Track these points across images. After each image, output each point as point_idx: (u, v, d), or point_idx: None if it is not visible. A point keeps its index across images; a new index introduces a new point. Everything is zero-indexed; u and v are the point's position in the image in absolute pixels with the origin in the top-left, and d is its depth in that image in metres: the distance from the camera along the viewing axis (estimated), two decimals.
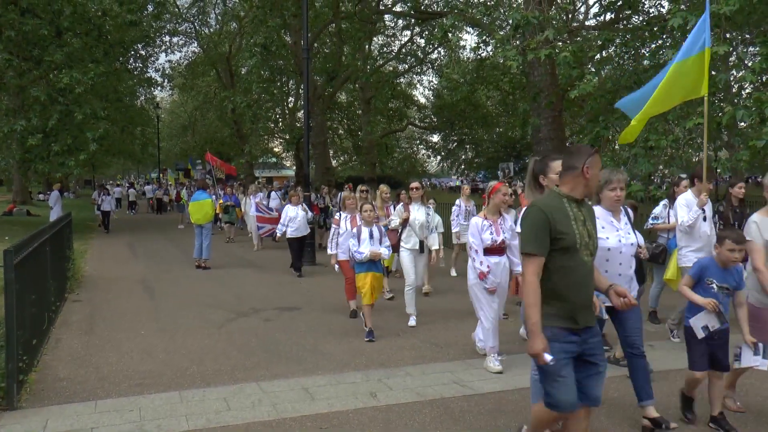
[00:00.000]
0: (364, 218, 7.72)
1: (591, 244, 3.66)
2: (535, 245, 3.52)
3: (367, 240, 7.58)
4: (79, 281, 11.90)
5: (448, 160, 41.16)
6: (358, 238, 7.62)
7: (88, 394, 5.69)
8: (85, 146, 20.64)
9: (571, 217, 3.59)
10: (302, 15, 15.04)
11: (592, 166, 3.64)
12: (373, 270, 7.63)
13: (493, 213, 6.34)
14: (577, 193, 3.66)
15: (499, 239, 6.28)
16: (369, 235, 7.62)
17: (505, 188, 6.33)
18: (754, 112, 10.14)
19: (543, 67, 16.35)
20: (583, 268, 3.60)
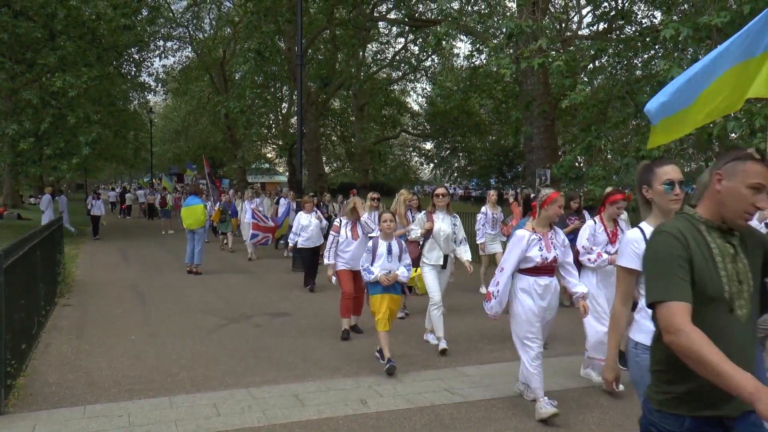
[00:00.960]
0: (382, 230, 6.68)
1: (746, 291, 2.37)
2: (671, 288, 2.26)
3: (384, 257, 6.54)
4: (69, 285, 11.85)
5: (441, 167, 41.21)
6: (373, 254, 6.58)
7: (77, 399, 5.67)
8: (77, 150, 20.56)
9: (715, 252, 2.36)
10: (296, 21, 15.08)
11: (731, 175, 2.38)
12: (391, 291, 6.58)
13: (543, 226, 5.39)
14: (715, 216, 2.43)
15: (550, 256, 5.32)
16: (387, 250, 6.58)
17: (561, 199, 5.36)
18: (744, 123, 10.21)
19: (536, 76, 16.43)
20: (735, 327, 2.33)
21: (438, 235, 7.38)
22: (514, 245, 5.34)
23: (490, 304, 5.42)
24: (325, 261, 8.19)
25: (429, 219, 7.42)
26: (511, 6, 21.93)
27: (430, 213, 7.48)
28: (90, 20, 21.51)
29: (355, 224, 8.35)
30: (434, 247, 7.40)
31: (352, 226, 8.34)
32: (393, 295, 6.61)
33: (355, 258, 7.98)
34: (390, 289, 6.56)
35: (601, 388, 6.00)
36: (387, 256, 6.58)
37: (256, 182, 40.61)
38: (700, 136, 11.19)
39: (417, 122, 41.23)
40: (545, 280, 5.32)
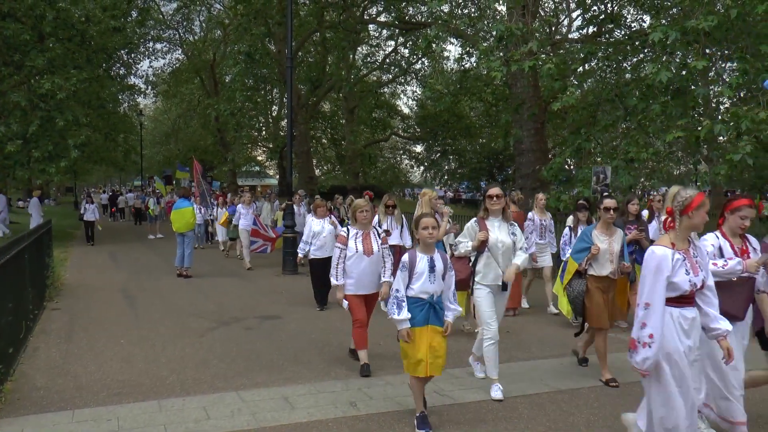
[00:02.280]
0: (422, 239, 5.05)
1: None
2: None
3: (424, 276, 4.98)
4: (58, 289, 11.79)
5: (431, 170, 41.18)
6: (410, 272, 5.01)
7: (66, 404, 5.63)
8: (66, 153, 20.43)
9: None
10: (287, 24, 15.07)
11: None
12: (434, 322, 4.98)
13: (683, 240, 4.03)
14: None
15: (698, 281, 3.98)
16: (428, 266, 5.01)
17: (708, 203, 4.01)
18: (731, 126, 10.31)
19: (526, 79, 16.49)
20: None
21: (495, 248, 5.88)
22: (656, 270, 3.90)
23: (642, 355, 3.86)
24: (332, 281, 6.66)
25: (482, 227, 5.92)
26: (501, 9, 21.98)
27: (482, 220, 5.97)
28: (79, 22, 21.40)
29: (367, 235, 6.69)
30: (490, 263, 5.90)
31: (364, 236, 6.68)
32: (436, 327, 4.98)
33: (366, 279, 6.60)
34: (433, 317, 5.00)
35: (588, 389, 6.02)
36: (429, 275, 5.00)
37: (246, 185, 40.51)
38: (689, 138, 11.27)
39: (407, 125, 41.20)
40: (690, 312, 4.01)
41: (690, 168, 23.57)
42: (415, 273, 5.01)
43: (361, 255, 6.56)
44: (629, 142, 12.89)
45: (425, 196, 8.50)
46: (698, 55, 11.09)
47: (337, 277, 6.58)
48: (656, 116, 12.19)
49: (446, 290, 5.11)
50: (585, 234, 6.45)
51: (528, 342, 7.97)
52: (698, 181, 11.89)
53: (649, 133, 13.22)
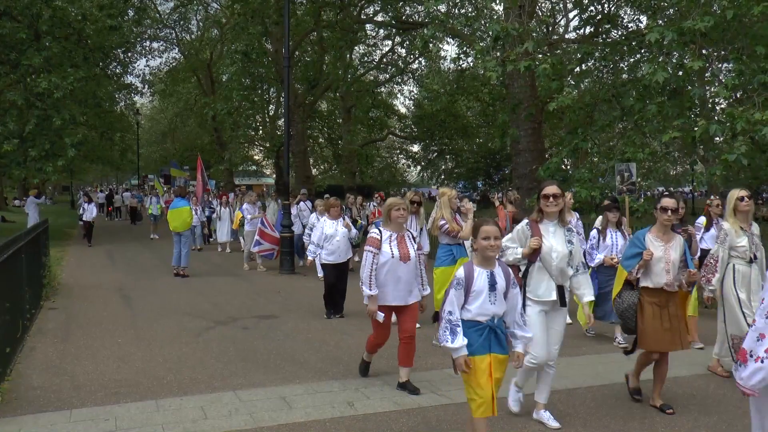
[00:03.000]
0: (481, 251, 4.19)
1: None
2: None
3: (484, 295, 4.14)
4: (55, 288, 11.78)
5: (428, 170, 41.27)
6: (467, 290, 4.15)
7: (63, 403, 5.63)
8: (63, 152, 20.40)
9: None
10: (284, 23, 15.06)
11: None
12: (497, 349, 4.18)
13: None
14: None
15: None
16: (488, 283, 4.16)
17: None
18: (727, 126, 10.34)
19: (523, 79, 16.51)
20: None
21: (548, 258, 5.03)
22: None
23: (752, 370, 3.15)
24: (364, 291, 5.81)
25: (534, 232, 5.06)
26: (498, 9, 22.01)
27: (535, 223, 5.11)
28: (76, 21, 21.38)
29: (402, 237, 5.98)
30: (543, 275, 5.07)
31: (399, 240, 5.95)
32: (498, 355, 4.18)
33: (402, 288, 5.91)
34: (494, 343, 4.18)
35: (585, 389, 6.04)
36: (489, 294, 4.15)
37: (243, 184, 40.49)
38: (685, 139, 11.30)
39: (404, 125, 41.27)
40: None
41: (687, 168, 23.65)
42: (472, 291, 4.15)
43: (397, 261, 5.82)
44: (626, 142, 12.92)
45: (444, 195, 7.74)
46: (695, 56, 11.12)
47: (370, 286, 5.75)
48: (653, 116, 12.22)
49: (511, 311, 4.27)
50: (637, 238, 5.64)
51: None
52: (695, 182, 11.89)
53: (646, 134, 13.25)
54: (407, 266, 5.88)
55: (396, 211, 5.91)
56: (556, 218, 5.13)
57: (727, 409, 5.58)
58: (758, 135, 9.91)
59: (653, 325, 5.42)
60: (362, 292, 5.82)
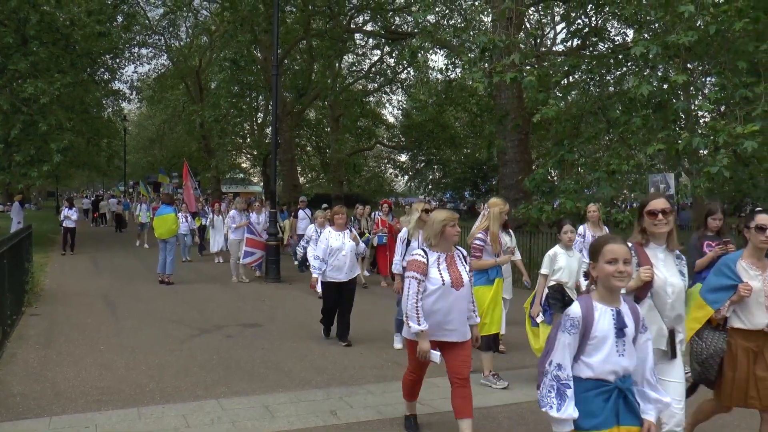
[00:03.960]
0: (604, 280, 3.06)
1: None
2: None
3: (610, 342, 3.02)
4: (37, 295, 11.68)
5: (416, 179, 41.37)
6: (584, 336, 3.03)
7: (43, 411, 5.58)
8: (48, 157, 20.25)
9: None
10: (273, 31, 15.08)
11: None
12: (628, 420, 3.05)
13: None
14: None
15: None
16: (614, 326, 3.05)
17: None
18: (710, 139, 10.47)
19: (510, 90, 16.63)
20: None
21: (662, 294, 3.78)
22: None
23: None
24: (412, 327, 4.70)
25: (643, 260, 3.79)
26: (486, 21, 22.17)
27: (641, 247, 3.86)
28: (64, 26, 21.28)
29: (452, 259, 4.85)
30: (653, 315, 3.78)
31: (449, 262, 4.81)
32: (632, 427, 3.05)
33: (455, 321, 4.77)
34: (623, 411, 3.05)
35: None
36: (616, 342, 3.02)
37: (230, 192, 40.37)
38: (669, 151, 11.41)
39: (392, 134, 41.38)
40: None
41: None
42: (592, 337, 3.00)
43: (447, 288, 4.66)
44: (611, 154, 13.03)
45: (495, 207, 6.62)
46: (679, 70, 11.25)
47: (419, 321, 4.64)
48: (638, 129, 12.34)
49: (641, 364, 3.11)
50: (726, 266, 4.32)
51: (508, 351, 7.98)
52: (679, 194, 11.97)
53: (631, 146, 13.36)
54: (460, 294, 4.71)
55: (451, 227, 4.76)
56: (664, 241, 3.88)
57: None
58: (740, 148, 10.03)
59: (742, 378, 4.19)
60: (408, 328, 4.73)
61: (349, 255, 8.11)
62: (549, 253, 6.54)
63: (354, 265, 8.31)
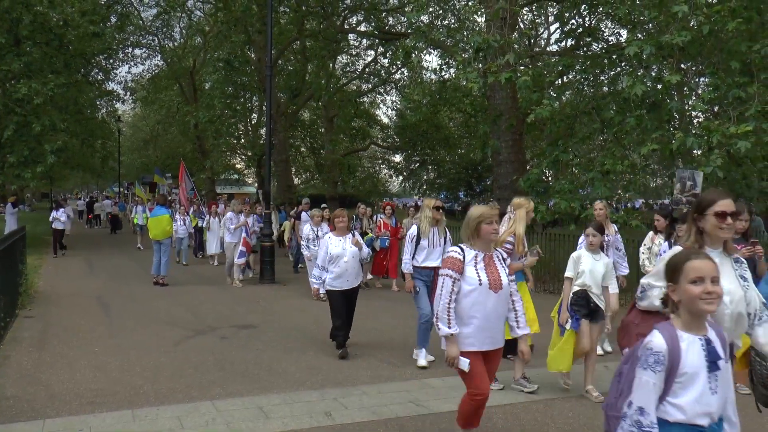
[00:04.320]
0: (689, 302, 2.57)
1: None
2: None
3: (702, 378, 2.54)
4: (31, 296, 11.64)
5: (410, 180, 41.37)
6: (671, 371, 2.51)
7: (36, 413, 5.56)
8: (42, 158, 20.19)
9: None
10: (267, 32, 15.07)
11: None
12: None
13: None
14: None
15: None
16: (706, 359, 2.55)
17: None
18: (704, 140, 10.49)
19: (504, 91, 16.63)
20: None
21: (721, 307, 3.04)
22: None
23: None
24: (441, 330, 4.33)
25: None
26: (480, 21, 22.20)
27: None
28: (57, 26, 21.22)
29: (491, 259, 4.49)
30: None
31: (487, 261, 4.45)
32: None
33: (493, 327, 4.43)
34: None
35: (563, 399, 6.07)
36: (708, 378, 2.55)
37: (224, 193, 40.34)
38: (663, 151, 11.44)
39: (386, 135, 41.39)
40: None
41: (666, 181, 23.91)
42: (681, 374, 2.51)
43: (485, 289, 4.32)
44: (605, 154, 13.04)
45: (521, 208, 6.41)
46: (672, 70, 11.28)
47: (449, 323, 4.28)
48: (632, 129, 12.36)
49: (722, 400, 2.61)
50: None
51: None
52: (672, 194, 11.98)
53: (625, 146, 13.39)
54: (498, 297, 4.37)
55: (488, 224, 4.39)
56: (721, 245, 3.46)
57: None
58: (733, 148, 10.06)
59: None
60: (437, 330, 4.38)
61: (351, 262, 7.55)
62: (573, 255, 6.31)
63: (358, 272, 7.75)
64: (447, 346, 4.35)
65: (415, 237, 7.25)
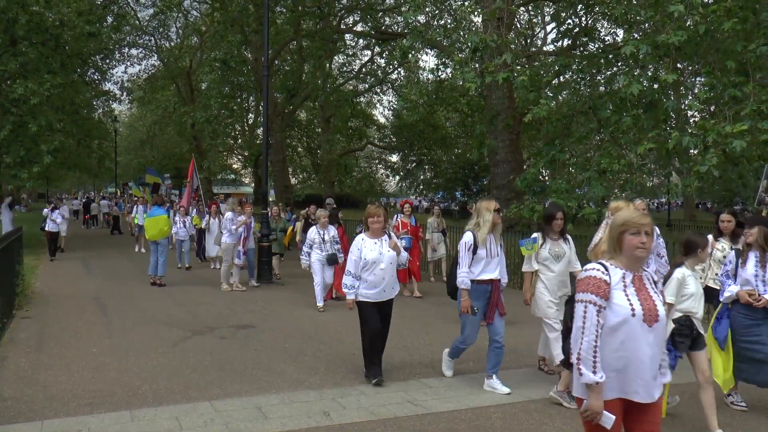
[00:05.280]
0: None
1: None
2: None
3: None
4: (28, 298, 11.62)
5: (407, 180, 41.39)
6: None
7: (35, 414, 5.56)
8: (39, 159, 20.15)
9: None
10: (263, 32, 15.06)
11: None
12: None
13: None
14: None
15: None
16: None
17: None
18: (699, 139, 10.52)
19: (501, 90, 16.67)
20: None
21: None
22: None
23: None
24: (584, 376, 3.23)
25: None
26: (476, 21, 22.22)
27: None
28: (53, 26, 21.18)
29: (640, 280, 3.39)
30: None
31: (637, 285, 3.36)
32: None
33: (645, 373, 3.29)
34: None
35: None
36: None
37: (221, 193, 40.30)
38: (660, 150, 11.47)
39: (383, 135, 41.42)
40: None
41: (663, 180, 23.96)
42: None
43: (639, 322, 3.24)
44: (602, 153, 13.07)
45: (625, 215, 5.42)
46: (669, 69, 11.30)
47: (594, 367, 3.21)
48: (628, 128, 12.39)
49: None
50: None
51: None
52: (669, 193, 12.02)
53: (622, 145, 13.41)
54: (654, 332, 3.27)
55: (633, 236, 3.29)
56: None
57: None
58: (729, 148, 10.09)
59: None
60: (579, 374, 3.25)
61: (389, 269, 6.53)
62: (677, 275, 5.19)
63: (395, 281, 6.71)
64: (589, 397, 3.25)
65: (471, 246, 6.23)
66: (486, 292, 6.26)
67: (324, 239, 10.70)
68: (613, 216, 4.92)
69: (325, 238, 10.70)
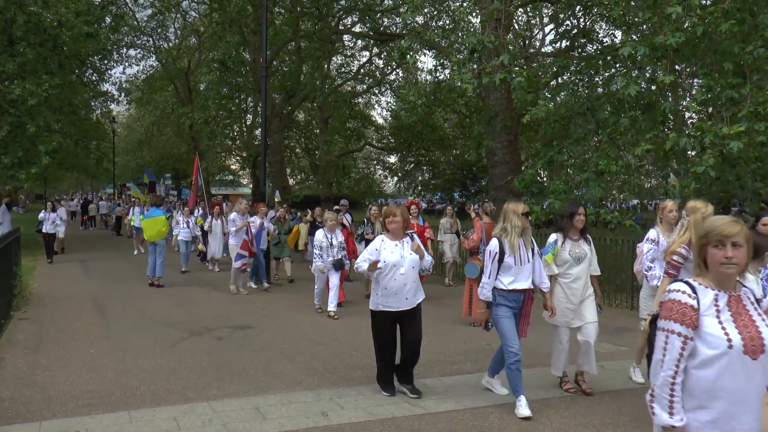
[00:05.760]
0: None
1: None
2: None
3: None
4: (26, 299, 11.62)
5: (405, 181, 41.39)
6: None
7: (33, 415, 5.56)
8: (37, 159, 20.14)
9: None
10: (262, 32, 15.07)
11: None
12: None
13: None
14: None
15: None
16: None
17: None
18: (697, 140, 10.54)
19: (499, 91, 16.66)
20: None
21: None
22: None
23: None
24: (658, 418, 2.75)
25: None
26: (474, 22, 22.24)
27: None
28: (51, 27, 21.16)
29: (739, 301, 2.80)
30: None
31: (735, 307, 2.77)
32: None
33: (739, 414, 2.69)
34: None
35: (559, 398, 6.09)
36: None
37: (219, 194, 40.29)
38: (658, 152, 11.49)
39: (381, 135, 41.39)
40: None
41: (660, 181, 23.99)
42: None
43: (738, 354, 2.66)
44: (600, 154, 13.08)
45: (697, 212, 5.14)
46: (666, 71, 11.33)
47: (671, 408, 2.73)
48: (626, 130, 12.41)
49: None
50: None
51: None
52: (667, 194, 12.03)
53: (620, 146, 13.43)
54: (758, 367, 2.68)
55: (717, 249, 2.76)
56: None
57: None
58: (726, 149, 10.11)
59: None
60: (652, 413, 2.79)
61: (410, 274, 5.97)
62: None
63: (418, 288, 6.10)
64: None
65: (497, 253, 5.77)
66: (518, 302, 5.82)
67: (332, 243, 10.46)
68: (689, 217, 4.99)
69: (333, 242, 10.47)
